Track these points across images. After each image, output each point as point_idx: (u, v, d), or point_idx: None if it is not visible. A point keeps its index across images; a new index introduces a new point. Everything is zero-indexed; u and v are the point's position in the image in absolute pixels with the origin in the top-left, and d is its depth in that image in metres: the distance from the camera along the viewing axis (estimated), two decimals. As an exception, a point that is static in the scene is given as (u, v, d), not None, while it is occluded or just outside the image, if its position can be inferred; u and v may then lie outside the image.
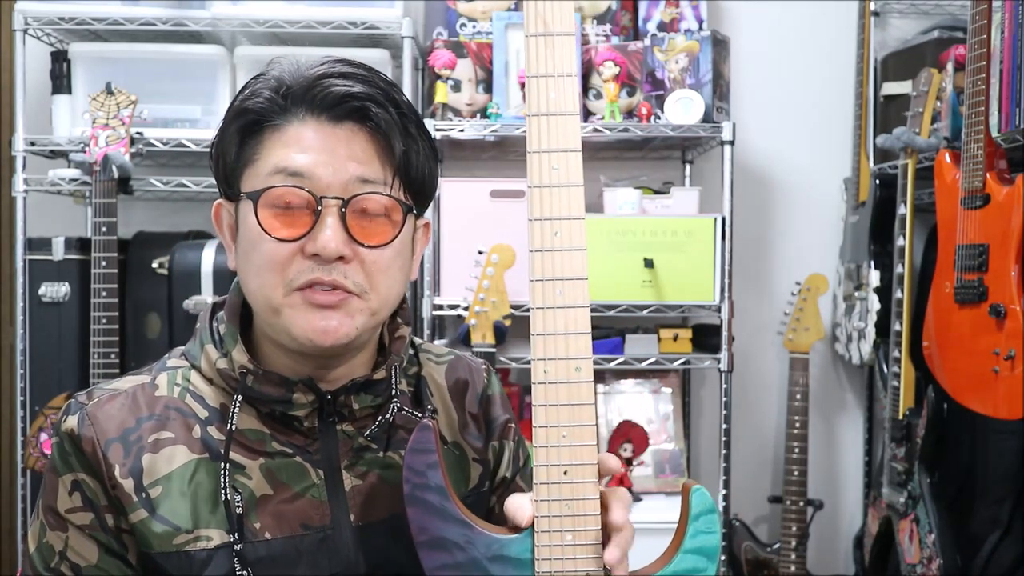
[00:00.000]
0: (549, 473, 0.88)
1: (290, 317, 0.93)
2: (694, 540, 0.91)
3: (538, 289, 0.89)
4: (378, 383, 1.01)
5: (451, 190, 2.37)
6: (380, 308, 0.96)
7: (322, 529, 0.97)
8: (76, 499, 0.95)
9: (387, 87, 0.96)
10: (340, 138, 0.93)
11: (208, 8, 2.32)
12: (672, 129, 2.36)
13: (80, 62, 2.38)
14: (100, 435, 0.95)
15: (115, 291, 2.11)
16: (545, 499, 0.89)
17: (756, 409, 2.84)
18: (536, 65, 0.89)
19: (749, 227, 2.77)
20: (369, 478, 1.00)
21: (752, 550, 2.62)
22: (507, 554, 0.90)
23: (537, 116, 0.89)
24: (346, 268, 0.93)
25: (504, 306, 2.18)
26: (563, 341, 0.88)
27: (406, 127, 0.95)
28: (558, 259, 0.89)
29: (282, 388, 0.96)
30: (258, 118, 0.95)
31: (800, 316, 2.60)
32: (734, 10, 2.79)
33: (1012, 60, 1.94)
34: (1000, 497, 2.13)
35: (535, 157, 0.89)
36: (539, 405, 0.89)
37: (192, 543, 0.94)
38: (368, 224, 0.94)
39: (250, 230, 0.94)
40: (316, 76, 0.94)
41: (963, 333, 2.03)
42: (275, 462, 0.98)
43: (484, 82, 2.44)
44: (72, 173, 2.33)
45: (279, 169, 0.93)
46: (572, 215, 0.89)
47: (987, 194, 1.96)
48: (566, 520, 0.89)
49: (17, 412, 2.29)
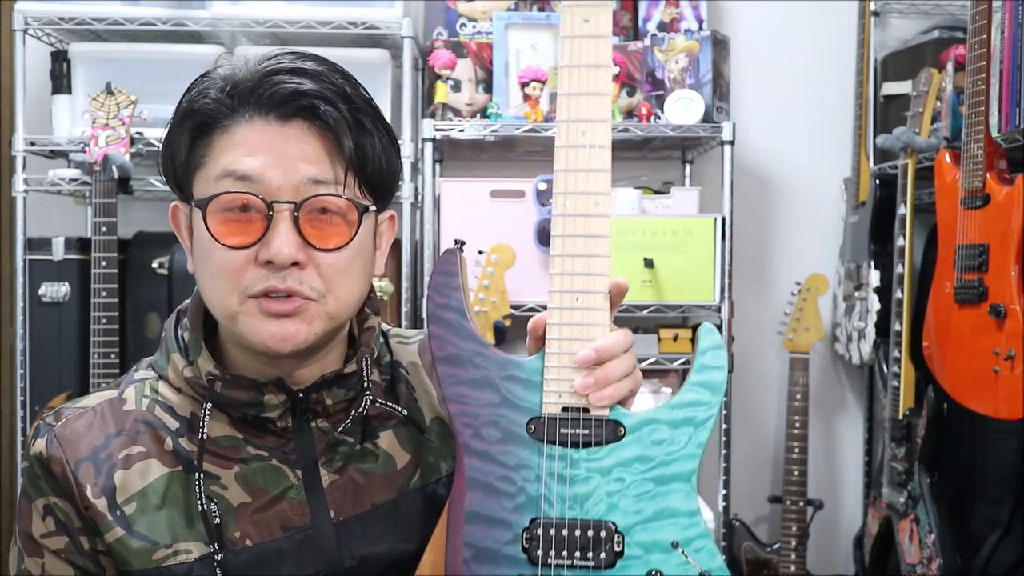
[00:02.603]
0: (563, 299, 0.92)
1: (246, 324, 0.91)
2: (700, 374, 0.93)
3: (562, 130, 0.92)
4: (350, 376, 0.99)
5: (451, 190, 2.36)
6: (339, 312, 0.94)
7: (302, 529, 0.96)
8: (49, 523, 0.93)
9: (339, 81, 0.93)
10: (289, 137, 0.90)
11: (208, 8, 2.32)
12: (672, 129, 2.36)
13: (80, 62, 2.38)
14: (69, 455, 0.93)
15: (115, 291, 2.11)
16: (557, 323, 0.92)
17: (756, 409, 2.84)
18: None
19: (749, 227, 2.77)
20: (347, 472, 0.99)
21: (752, 550, 2.62)
22: (519, 374, 0.93)
23: None
24: (301, 274, 0.90)
25: (504, 306, 2.18)
26: (584, 177, 0.92)
27: (360, 121, 0.92)
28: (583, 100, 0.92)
29: (252, 391, 0.94)
30: (206, 119, 0.92)
31: (800, 316, 2.60)
32: (734, 10, 2.79)
33: (1012, 60, 1.93)
34: (1000, 497, 2.13)
35: None
36: (556, 236, 0.92)
37: (171, 557, 0.93)
38: (322, 227, 0.91)
39: (202, 237, 0.92)
40: (263, 73, 0.91)
41: (963, 333, 2.03)
42: (250, 467, 0.96)
43: (484, 82, 2.44)
44: (72, 173, 2.33)
45: (227, 173, 0.90)
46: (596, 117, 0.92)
47: (987, 194, 1.96)
48: (575, 344, 0.91)
49: (17, 412, 2.29)
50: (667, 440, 0.92)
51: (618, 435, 0.92)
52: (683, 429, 0.92)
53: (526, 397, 0.93)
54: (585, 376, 0.91)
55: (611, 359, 0.92)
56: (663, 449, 0.92)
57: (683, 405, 0.92)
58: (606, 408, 0.92)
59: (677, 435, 0.92)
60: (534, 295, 2.32)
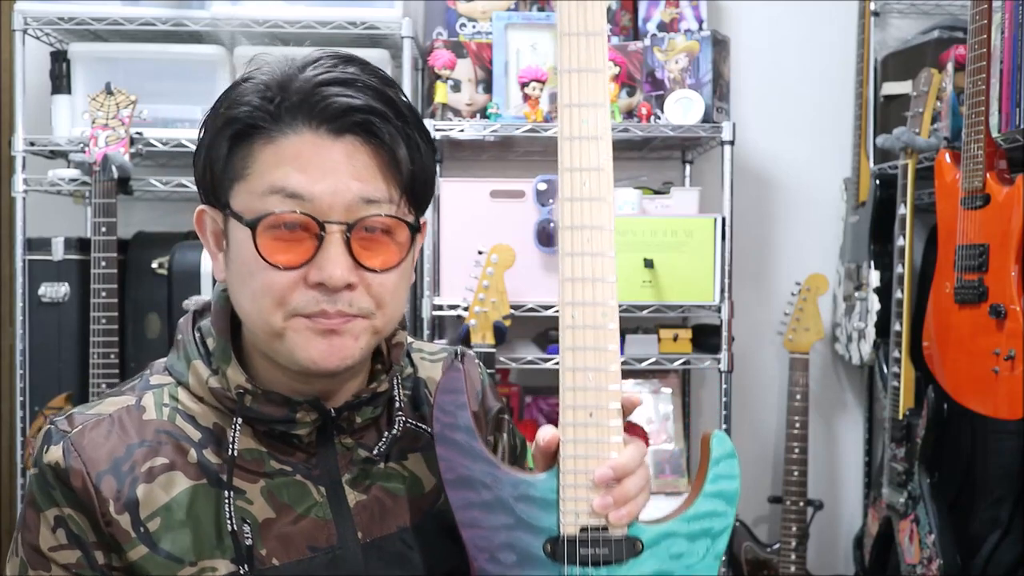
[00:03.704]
0: (576, 415, 0.91)
1: (293, 341, 0.88)
2: (715, 484, 0.93)
3: (567, 236, 0.91)
4: (378, 396, 0.97)
5: (451, 190, 2.36)
6: (385, 327, 0.92)
7: (330, 550, 0.93)
8: (60, 536, 0.88)
9: (385, 90, 0.89)
10: (341, 154, 0.86)
11: (208, 8, 2.32)
12: (672, 129, 2.36)
13: (80, 62, 2.38)
14: (90, 467, 0.88)
15: (115, 291, 2.11)
16: (571, 439, 0.91)
17: (756, 409, 2.84)
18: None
19: (749, 227, 2.77)
20: (373, 492, 0.96)
21: (752, 550, 2.62)
22: (532, 494, 0.91)
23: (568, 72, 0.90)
24: (352, 295, 0.88)
25: (504, 306, 2.18)
26: (590, 287, 0.91)
27: (409, 136, 0.89)
28: (586, 207, 0.91)
29: (284, 408, 0.92)
30: (247, 127, 0.88)
31: (800, 316, 2.60)
32: (734, 10, 2.79)
33: (1012, 60, 1.93)
34: (1000, 497, 2.13)
35: (566, 111, 0.91)
36: (567, 349, 0.91)
37: (199, 575, 0.89)
38: (374, 246, 0.89)
39: (245, 253, 0.88)
40: (314, 84, 0.87)
41: (963, 333, 2.03)
42: (275, 482, 0.93)
43: (484, 82, 2.44)
44: (72, 173, 2.33)
45: (276, 189, 0.86)
46: (599, 165, 0.91)
47: (987, 194, 1.96)
48: (591, 461, 0.90)
49: (17, 412, 2.29)
50: (685, 553, 0.92)
51: (637, 550, 0.92)
52: (700, 541, 0.92)
53: (542, 517, 0.91)
54: (604, 496, 0.90)
55: (628, 475, 0.91)
56: (682, 563, 0.92)
57: (699, 516, 0.93)
58: (625, 526, 0.91)
59: (695, 548, 0.92)
60: (534, 295, 2.32)
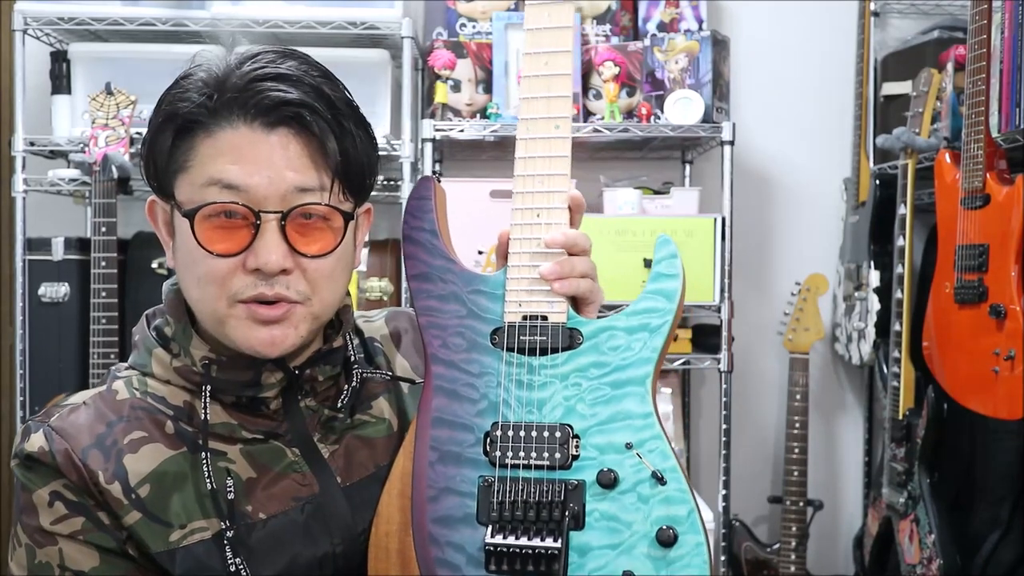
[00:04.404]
0: (524, 215, 0.99)
1: (235, 329, 0.93)
2: (655, 283, 0.97)
3: (527, 61, 0.99)
4: (335, 353, 1.02)
5: (451, 190, 2.31)
6: (323, 312, 0.97)
7: (313, 498, 0.98)
8: (59, 508, 0.91)
9: (320, 84, 0.94)
10: (275, 146, 0.91)
11: (208, 8, 2.32)
12: (672, 129, 2.36)
13: (80, 62, 2.37)
14: (74, 445, 0.92)
15: (115, 291, 2.11)
16: (519, 237, 0.98)
17: (756, 409, 2.84)
18: None
19: (749, 227, 2.77)
20: (345, 441, 1.02)
21: (752, 550, 2.62)
22: (484, 288, 0.99)
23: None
24: (288, 279, 0.92)
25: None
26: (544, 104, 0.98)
27: (342, 125, 0.94)
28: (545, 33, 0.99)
29: (250, 371, 0.96)
30: (188, 122, 0.92)
31: (800, 316, 2.60)
32: (734, 10, 2.79)
33: (1012, 60, 1.94)
34: (1000, 497, 2.13)
35: None
36: (519, 158, 0.99)
37: (187, 537, 0.93)
38: (308, 233, 0.93)
39: (189, 242, 0.92)
40: (248, 80, 0.91)
41: (963, 333, 2.03)
42: (251, 447, 0.98)
43: (484, 82, 2.44)
44: (72, 173, 2.33)
45: (214, 181, 0.91)
46: None
47: (987, 194, 1.96)
48: (537, 257, 0.97)
49: (17, 412, 2.29)
50: (623, 346, 0.95)
51: (576, 342, 0.96)
52: (638, 335, 0.96)
53: (490, 309, 0.98)
54: (552, 265, 0.96)
55: (576, 251, 0.97)
56: (619, 355, 0.95)
57: (639, 312, 0.96)
58: (564, 312, 0.96)
59: (633, 341, 0.95)
60: (534, 295, 2.31)
